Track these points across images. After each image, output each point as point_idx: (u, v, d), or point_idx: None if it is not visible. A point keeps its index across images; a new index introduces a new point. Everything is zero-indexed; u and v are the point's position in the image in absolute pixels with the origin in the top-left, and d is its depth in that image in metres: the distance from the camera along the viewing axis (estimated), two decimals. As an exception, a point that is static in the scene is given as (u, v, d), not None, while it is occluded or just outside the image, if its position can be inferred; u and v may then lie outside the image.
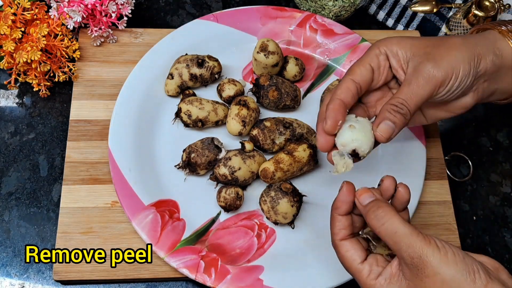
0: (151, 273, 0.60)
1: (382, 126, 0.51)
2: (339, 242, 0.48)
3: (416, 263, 0.42)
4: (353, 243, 0.47)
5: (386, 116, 0.51)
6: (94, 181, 0.64)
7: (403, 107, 0.51)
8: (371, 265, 0.46)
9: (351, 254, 0.47)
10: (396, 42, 0.54)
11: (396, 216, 0.45)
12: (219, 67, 0.69)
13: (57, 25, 0.67)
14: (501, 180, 0.71)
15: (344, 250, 0.47)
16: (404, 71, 0.54)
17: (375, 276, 0.45)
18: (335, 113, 0.51)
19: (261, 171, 0.62)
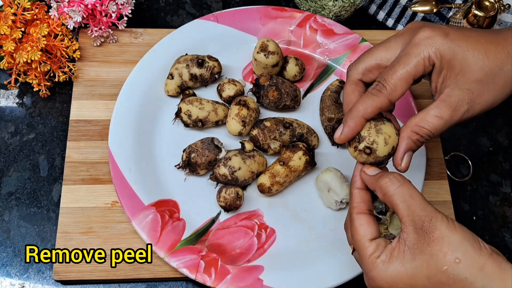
0: (151, 273, 0.60)
1: (406, 159, 0.49)
2: (356, 215, 0.47)
3: (426, 227, 0.42)
4: (369, 219, 0.47)
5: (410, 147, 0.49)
6: (94, 181, 0.64)
7: (428, 138, 0.49)
8: (378, 245, 0.45)
9: (364, 228, 0.46)
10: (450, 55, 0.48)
11: (411, 183, 0.45)
12: (219, 67, 0.69)
13: (57, 25, 0.67)
14: (501, 180, 0.71)
15: (358, 223, 0.47)
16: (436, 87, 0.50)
17: (378, 255, 0.45)
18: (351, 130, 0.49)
19: (258, 186, 0.63)
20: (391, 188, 0.45)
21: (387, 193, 0.45)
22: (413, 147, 0.49)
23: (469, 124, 0.75)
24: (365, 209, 0.48)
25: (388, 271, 0.43)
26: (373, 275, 0.44)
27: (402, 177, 0.46)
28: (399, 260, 0.43)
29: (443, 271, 0.42)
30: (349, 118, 0.49)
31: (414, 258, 0.43)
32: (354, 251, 0.49)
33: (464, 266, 0.41)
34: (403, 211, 0.44)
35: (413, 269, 0.42)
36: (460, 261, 0.41)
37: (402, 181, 0.45)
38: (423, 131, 0.49)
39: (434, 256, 0.42)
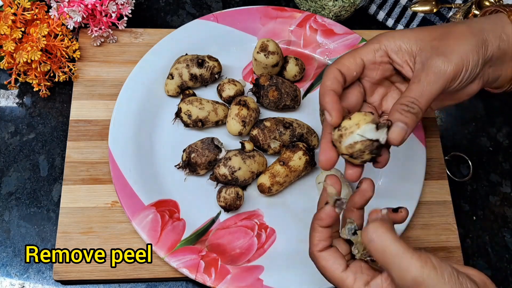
0: (151, 273, 0.60)
1: (394, 129, 0.47)
2: (318, 253, 0.47)
3: (410, 285, 0.40)
4: (332, 252, 0.46)
5: (397, 118, 0.48)
6: (94, 181, 0.64)
7: (414, 106, 0.48)
8: (355, 273, 0.45)
9: (331, 263, 0.46)
10: (399, 36, 0.52)
11: (387, 233, 0.42)
12: (219, 67, 0.69)
13: (57, 25, 0.67)
14: (501, 180, 0.71)
15: (324, 260, 0.46)
16: (410, 67, 0.52)
17: (363, 283, 0.44)
18: (335, 103, 0.49)
19: (258, 186, 0.63)
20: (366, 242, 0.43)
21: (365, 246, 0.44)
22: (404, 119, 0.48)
23: (469, 124, 0.75)
24: (326, 246, 0.47)
25: None
26: None
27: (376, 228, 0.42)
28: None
29: None
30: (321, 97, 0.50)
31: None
32: None
33: None
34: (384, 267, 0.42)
35: None
36: None
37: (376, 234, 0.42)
38: (405, 99, 0.49)
39: None
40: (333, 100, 0.49)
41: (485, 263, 0.66)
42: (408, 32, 0.52)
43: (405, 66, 0.52)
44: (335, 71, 0.51)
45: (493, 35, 0.52)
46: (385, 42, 0.52)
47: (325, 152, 0.49)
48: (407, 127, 0.48)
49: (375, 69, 0.53)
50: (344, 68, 0.51)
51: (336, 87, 0.50)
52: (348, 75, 0.51)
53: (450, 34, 0.52)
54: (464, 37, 0.51)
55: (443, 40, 0.51)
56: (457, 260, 0.63)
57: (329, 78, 0.51)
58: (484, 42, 0.51)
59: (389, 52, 0.52)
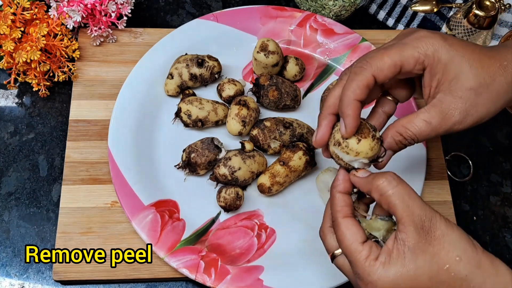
0: (151, 273, 0.60)
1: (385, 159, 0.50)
2: (342, 219, 0.45)
3: (427, 226, 0.42)
4: (355, 223, 0.46)
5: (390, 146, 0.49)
6: (94, 181, 0.64)
7: (411, 142, 0.49)
8: (371, 247, 0.44)
9: (353, 232, 0.44)
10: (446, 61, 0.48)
11: (406, 182, 0.44)
12: (219, 67, 0.69)
13: (56, 25, 0.67)
14: (501, 180, 0.71)
15: (346, 227, 0.45)
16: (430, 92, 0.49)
17: (375, 257, 0.43)
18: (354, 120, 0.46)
19: (258, 186, 0.63)
20: (389, 188, 0.44)
21: (384, 193, 0.44)
22: (394, 147, 0.49)
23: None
24: (350, 213, 0.46)
25: (390, 273, 0.42)
26: (373, 279, 0.43)
27: (398, 177, 0.45)
28: (399, 261, 0.42)
29: (445, 269, 0.41)
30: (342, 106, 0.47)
31: (416, 258, 0.42)
32: (335, 259, 0.48)
33: (464, 264, 0.41)
34: (402, 211, 0.43)
35: (415, 269, 0.42)
36: (460, 259, 0.41)
37: (399, 181, 0.44)
38: (408, 134, 0.48)
39: (436, 255, 0.42)
40: (354, 116, 0.46)
41: (485, 263, 0.66)
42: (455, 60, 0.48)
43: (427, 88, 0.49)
44: (370, 78, 0.47)
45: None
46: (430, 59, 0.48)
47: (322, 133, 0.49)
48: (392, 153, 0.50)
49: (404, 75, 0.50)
50: (381, 77, 0.47)
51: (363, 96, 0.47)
52: (382, 81, 0.48)
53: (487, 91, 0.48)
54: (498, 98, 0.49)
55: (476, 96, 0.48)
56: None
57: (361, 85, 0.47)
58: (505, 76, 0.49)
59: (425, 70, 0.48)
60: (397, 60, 0.48)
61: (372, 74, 0.47)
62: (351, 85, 0.47)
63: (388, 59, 0.47)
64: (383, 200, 0.44)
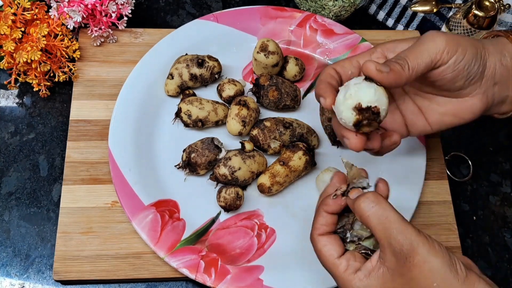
0: (151, 273, 0.60)
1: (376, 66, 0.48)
2: (317, 237, 0.48)
3: (406, 251, 0.42)
4: (331, 239, 0.47)
5: (384, 62, 0.49)
6: (94, 181, 0.64)
7: (403, 61, 0.49)
8: (348, 260, 0.46)
9: (328, 248, 0.47)
10: (396, 41, 0.54)
11: (387, 203, 0.44)
12: (219, 67, 0.69)
13: (57, 25, 0.67)
14: (501, 180, 0.71)
15: (321, 244, 0.47)
16: None
17: (353, 271, 0.45)
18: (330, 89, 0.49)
19: (258, 186, 0.63)
20: (367, 209, 0.44)
21: (362, 215, 0.45)
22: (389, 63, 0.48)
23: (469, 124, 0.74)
24: (327, 231, 0.48)
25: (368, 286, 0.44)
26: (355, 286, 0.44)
27: (377, 197, 0.45)
28: (377, 279, 0.44)
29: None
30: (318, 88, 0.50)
31: (393, 279, 0.43)
32: None
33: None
34: (380, 234, 0.43)
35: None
36: (438, 286, 0.42)
37: (378, 201, 0.44)
38: (397, 56, 0.50)
39: (414, 280, 0.42)
40: (327, 87, 0.50)
41: (485, 263, 0.66)
42: (406, 39, 0.54)
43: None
44: (330, 69, 0.53)
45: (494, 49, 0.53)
46: (381, 46, 0.54)
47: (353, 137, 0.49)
48: (389, 69, 0.47)
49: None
50: (339, 67, 0.53)
51: (330, 80, 0.51)
52: (343, 73, 0.53)
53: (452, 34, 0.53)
54: (463, 36, 0.53)
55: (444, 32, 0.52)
56: (457, 260, 0.63)
57: (324, 74, 0.52)
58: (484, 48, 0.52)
59: (385, 52, 0.54)
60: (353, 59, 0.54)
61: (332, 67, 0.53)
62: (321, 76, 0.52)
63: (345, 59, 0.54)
64: (363, 221, 0.45)
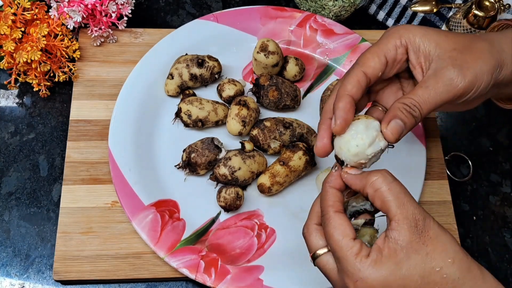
0: (151, 273, 0.60)
1: (393, 124, 0.46)
2: (333, 214, 0.44)
3: (421, 226, 0.42)
4: (347, 219, 0.45)
5: (398, 115, 0.47)
6: (94, 181, 0.64)
7: (416, 110, 0.47)
8: (362, 245, 0.43)
9: (345, 227, 0.44)
10: (421, 35, 0.50)
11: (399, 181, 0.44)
12: (219, 67, 0.69)
13: (57, 25, 0.67)
14: (501, 180, 0.71)
15: (337, 222, 0.44)
16: (423, 70, 0.50)
17: (366, 254, 0.42)
18: (345, 113, 0.46)
19: (258, 186, 0.63)
20: (384, 184, 0.43)
21: (379, 189, 0.43)
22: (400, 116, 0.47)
23: (469, 124, 0.75)
24: (341, 209, 0.46)
25: (381, 270, 0.41)
26: (364, 275, 0.42)
27: (392, 175, 0.45)
28: (391, 259, 0.42)
29: (437, 270, 0.41)
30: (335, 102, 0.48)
31: (408, 257, 0.42)
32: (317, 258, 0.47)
33: (457, 267, 0.41)
34: (397, 208, 0.42)
35: (407, 268, 0.41)
36: (453, 261, 0.41)
37: (394, 178, 0.44)
38: (409, 101, 0.48)
39: (430, 255, 0.41)
40: (345, 108, 0.47)
41: (485, 263, 0.66)
42: (430, 33, 0.50)
43: (418, 68, 0.50)
44: (360, 73, 0.48)
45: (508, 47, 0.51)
46: (406, 38, 0.50)
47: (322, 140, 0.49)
48: (404, 126, 0.47)
49: (393, 67, 0.51)
50: (370, 70, 0.49)
51: (355, 92, 0.48)
52: (373, 76, 0.49)
53: (471, 49, 0.50)
54: (484, 56, 0.50)
55: (463, 54, 0.49)
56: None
57: (351, 81, 0.48)
58: (501, 65, 0.50)
59: (408, 50, 0.50)
60: (379, 51, 0.50)
61: (361, 70, 0.49)
62: (343, 83, 0.49)
63: (369, 54, 0.50)
64: (377, 195, 0.44)
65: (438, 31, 0.51)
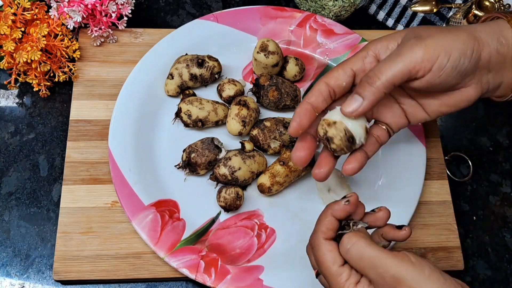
0: (151, 273, 0.60)
1: (348, 100, 0.49)
2: (323, 241, 0.46)
3: (390, 282, 0.42)
4: (335, 246, 0.46)
5: (356, 90, 0.49)
6: (94, 181, 0.64)
7: (372, 76, 0.48)
8: (351, 270, 0.45)
9: (333, 255, 0.46)
10: (387, 38, 0.52)
11: (362, 239, 0.44)
12: (219, 67, 0.69)
13: (57, 25, 0.67)
14: (501, 180, 0.71)
15: (327, 249, 0.46)
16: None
17: (355, 282, 0.44)
18: (300, 117, 0.50)
19: (258, 186, 0.63)
20: (343, 253, 0.45)
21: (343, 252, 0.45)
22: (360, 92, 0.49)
23: (469, 124, 0.75)
24: (332, 237, 0.47)
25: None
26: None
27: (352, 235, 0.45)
28: None
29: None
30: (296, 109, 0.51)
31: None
32: (319, 275, 0.49)
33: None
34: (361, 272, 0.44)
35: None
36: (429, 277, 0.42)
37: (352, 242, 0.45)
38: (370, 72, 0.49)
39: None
40: (302, 113, 0.50)
41: (485, 263, 0.66)
42: (397, 32, 0.52)
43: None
44: (322, 84, 0.51)
45: (490, 36, 0.50)
46: (372, 47, 0.53)
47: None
48: (362, 99, 0.48)
49: None
50: (332, 80, 0.52)
51: (314, 100, 0.51)
52: (336, 86, 0.52)
53: (440, 29, 0.51)
54: (452, 30, 0.50)
55: (428, 30, 0.50)
56: (457, 260, 0.63)
57: (313, 91, 0.51)
58: (477, 39, 0.49)
59: (378, 53, 0.52)
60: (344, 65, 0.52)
61: (324, 81, 0.51)
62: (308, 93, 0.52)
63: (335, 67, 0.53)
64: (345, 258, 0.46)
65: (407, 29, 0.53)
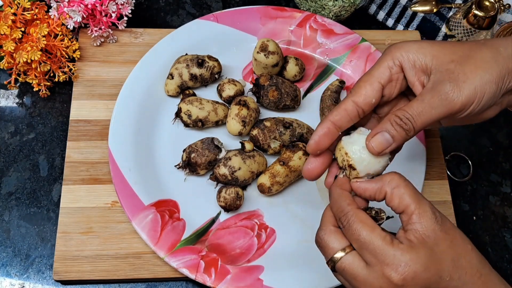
0: (151, 273, 0.60)
1: (378, 137, 0.46)
2: (357, 210, 0.45)
3: (439, 218, 0.44)
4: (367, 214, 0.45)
5: (385, 127, 0.46)
6: (94, 181, 0.64)
7: (407, 123, 0.46)
8: (391, 234, 0.44)
9: (371, 221, 0.44)
10: (415, 50, 0.48)
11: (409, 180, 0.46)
12: (219, 67, 0.69)
13: (57, 25, 0.67)
14: (501, 180, 0.71)
15: (364, 217, 0.44)
16: (422, 85, 0.48)
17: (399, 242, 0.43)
18: (320, 137, 0.48)
19: (258, 186, 0.63)
20: (401, 182, 0.45)
21: (396, 187, 0.44)
22: (389, 128, 0.46)
23: (469, 124, 0.75)
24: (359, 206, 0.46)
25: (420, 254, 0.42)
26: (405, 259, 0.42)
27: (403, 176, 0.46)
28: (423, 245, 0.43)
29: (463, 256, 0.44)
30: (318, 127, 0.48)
31: (437, 243, 0.43)
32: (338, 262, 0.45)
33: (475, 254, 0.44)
34: (416, 204, 0.44)
35: (440, 252, 0.43)
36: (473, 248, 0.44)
37: (405, 178, 0.46)
38: (402, 113, 0.46)
39: (453, 242, 0.43)
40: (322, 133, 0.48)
41: (485, 263, 0.66)
42: (425, 46, 0.48)
43: (417, 83, 0.49)
44: (349, 104, 0.48)
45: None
46: (399, 57, 0.48)
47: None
48: (392, 140, 0.46)
49: (392, 87, 0.50)
50: (361, 99, 0.48)
51: (338, 119, 0.48)
52: (365, 105, 0.48)
53: (471, 60, 0.47)
54: (485, 66, 0.47)
55: (461, 65, 0.47)
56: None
57: (339, 110, 0.48)
58: (510, 72, 0.47)
59: (403, 68, 0.49)
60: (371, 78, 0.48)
61: (351, 100, 0.48)
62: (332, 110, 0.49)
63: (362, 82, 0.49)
64: (395, 193, 0.45)
65: (433, 42, 0.49)
